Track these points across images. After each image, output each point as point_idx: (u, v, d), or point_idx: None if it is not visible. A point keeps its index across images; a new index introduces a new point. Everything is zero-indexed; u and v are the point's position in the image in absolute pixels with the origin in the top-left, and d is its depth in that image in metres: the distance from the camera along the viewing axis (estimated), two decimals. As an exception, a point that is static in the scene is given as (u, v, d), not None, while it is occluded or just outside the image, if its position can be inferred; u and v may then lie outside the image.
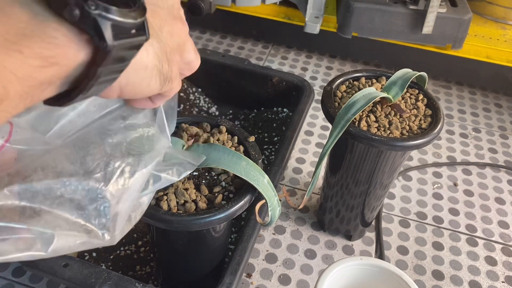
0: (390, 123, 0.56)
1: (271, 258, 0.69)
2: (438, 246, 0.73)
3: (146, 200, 0.37)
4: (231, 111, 0.92)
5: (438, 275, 0.69)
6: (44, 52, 0.21)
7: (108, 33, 0.22)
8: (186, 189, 0.44)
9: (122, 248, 0.66)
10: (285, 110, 0.89)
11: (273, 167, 0.65)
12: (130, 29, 0.23)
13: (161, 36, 0.28)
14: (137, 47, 0.25)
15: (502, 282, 0.69)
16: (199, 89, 0.92)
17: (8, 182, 0.27)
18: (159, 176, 0.36)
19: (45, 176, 0.28)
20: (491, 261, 0.71)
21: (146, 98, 0.32)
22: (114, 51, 0.22)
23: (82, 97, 0.24)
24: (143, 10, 0.24)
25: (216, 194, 0.45)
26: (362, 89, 0.58)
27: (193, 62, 0.32)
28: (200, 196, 0.44)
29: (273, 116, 0.89)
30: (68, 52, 0.22)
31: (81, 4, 0.21)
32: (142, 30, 0.24)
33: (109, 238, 0.31)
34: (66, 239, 0.28)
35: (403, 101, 0.60)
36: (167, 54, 0.28)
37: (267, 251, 0.70)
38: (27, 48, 0.20)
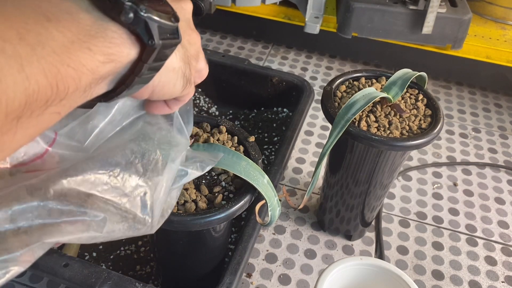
0: (390, 123, 0.56)
1: (271, 258, 0.69)
2: (438, 246, 0.73)
3: (174, 195, 0.39)
4: (231, 111, 0.92)
5: (438, 275, 0.69)
6: (107, 50, 0.25)
7: (155, 33, 0.26)
8: (186, 189, 0.44)
9: (122, 248, 0.66)
10: (285, 110, 0.89)
11: (273, 167, 0.65)
12: (168, 32, 0.27)
13: (184, 43, 0.32)
14: (173, 48, 0.28)
15: (502, 282, 0.69)
16: (199, 89, 0.92)
17: (64, 172, 0.30)
18: (186, 170, 0.39)
19: (94, 166, 0.31)
20: (491, 261, 0.71)
21: (163, 103, 0.36)
22: (158, 49, 0.26)
23: (127, 92, 0.28)
24: (177, 17, 0.28)
25: (216, 194, 0.45)
26: (362, 89, 0.58)
27: (203, 70, 0.36)
28: (200, 196, 0.44)
29: (273, 116, 0.89)
30: (123, 50, 0.26)
31: (134, 8, 0.25)
32: (176, 33, 0.28)
33: (150, 223, 0.34)
34: (116, 223, 0.31)
35: (403, 101, 0.60)
36: (189, 59, 0.32)
37: (267, 251, 0.70)
38: (94, 46, 0.24)
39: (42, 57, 0.21)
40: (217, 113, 0.92)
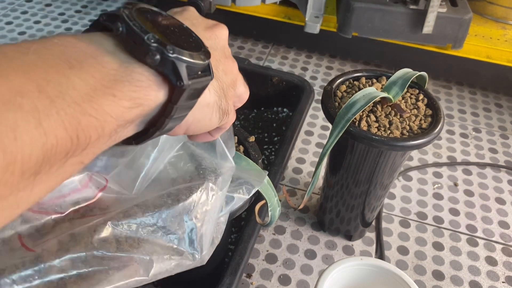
0: (390, 123, 0.56)
1: (271, 258, 0.69)
2: (438, 246, 0.73)
3: (223, 220, 0.40)
4: (231, 111, 0.92)
5: (438, 275, 0.68)
6: (132, 95, 0.24)
7: (184, 74, 0.25)
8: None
9: (122, 248, 0.66)
10: (285, 110, 0.89)
11: (273, 167, 0.65)
12: (199, 70, 0.26)
13: (218, 75, 0.31)
14: (204, 86, 0.27)
15: (503, 282, 0.69)
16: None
17: (111, 217, 0.31)
18: (232, 196, 0.40)
19: (139, 210, 0.32)
20: (491, 261, 0.71)
21: (206, 132, 0.35)
22: (188, 89, 0.25)
23: (158, 133, 0.27)
24: (208, 53, 0.27)
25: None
26: (362, 89, 0.58)
27: (243, 94, 0.35)
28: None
29: (273, 116, 0.89)
30: (151, 93, 0.25)
31: (161, 50, 0.24)
32: (208, 71, 0.27)
33: (199, 258, 0.34)
34: (163, 263, 0.32)
35: (403, 101, 0.59)
36: (224, 90, 0.31)
37: (267, 251, 0.69)
38: (119, 91, 0.23)
39: (61, 109, 0.21)
40: (217, 113, 0.91)
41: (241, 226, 0.68)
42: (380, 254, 0.70)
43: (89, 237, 0.29)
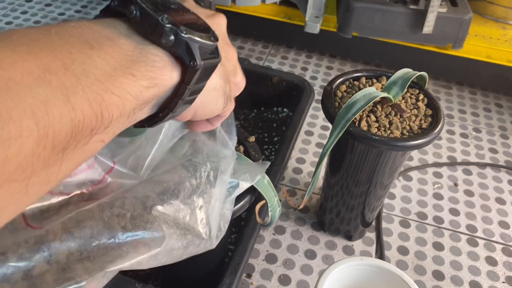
0: (390, 123, 0.56)
1: (271, 258, 0.69)
2: (438, 246, 0.73)
3: (229, 208, 0.40)
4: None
5: (438, 276, 0.68)
6: (149, 74, 0.24)
7: (197, 54, 0.26)
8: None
9: (121, 248, 0.66)
10: (285, 110, 0.89)
11: (273, 167, 0.65)
12: (209, 51, 0.27)
13: (222, 61, 0.31)
14: (214, 68, 0.28)
15: (503, 282, 0.69)
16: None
17: (116, 196, 0.31)
18: (237, 182, 0.40)
19: (148, 186, 0.32)
20: (491, 261, 0.71)
21: (205, 121, 0.36)
22: (200, 69, 0.26)
23: (171, 116, 0.28)
24: (215, 36, 0.28)
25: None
26: (363, 89, 0.58)
27: (241, 83, 0.36)
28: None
29: (273, 116, 0.88)
30: (166, 73, 0.25)
31: (175, 30, 0.25)
32: (216, 52, 0.28)
33: (208, 238, 0.34)
34: (174, 240, 0.32)
35: (403, 101, 0.59)
36: (228, 75, 0.32)
37: (267, 251, 0.69)
38: (137, 71, 0.24)
39: (86, 86, 0.21)
40: (217, 113, 0.91)
41: (241, 226, 0.68)
42: (380, 254, 0.70)
43: (96, 216, 0.28)
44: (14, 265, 0.25)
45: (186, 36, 0.25)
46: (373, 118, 0.56)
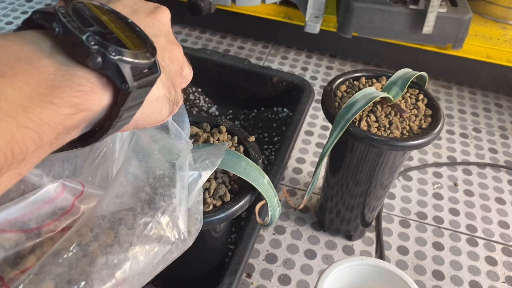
0: (390, 123, 0.56)
1: (271, 258, 0.69)
2: (438, 246, 0.73)
3: (196, 200, 0.39)
4: (231, 111, 0.92)
5: (438, 275, 0.68)
6: (74, 100, 0.22)
7: (128, 75, 0.23)
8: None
9: (122, 248, 0.66)
10: (285, 110, 0.89)
11: (273, 167, 0.65)
12: (144, 68, 0.25)
13: (165, 65, 0.29)
14: (152, 84, 0.26)
15: (503, 282, 0.69)
16: (199, 89, 0.92)
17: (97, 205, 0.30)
18: (198, 172, 0.39)
19: (105, 207, 0.31)
20: (491, 261, 0.71)
21: None
22: (134, 91, 0.24)
23: (105, 136, 0.25)
24: (154, 49, 0.26)
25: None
26: (362, 89, 0.58)
27: (188, 75, 0.34)
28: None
29: (273, 116, 0.89)
30: (94, 97, 0.23)
31: (102, 52, 0.22)
32: (154, 67, 0.26)
33: (180, 239, 0.34)
34: (143, 256, 0.31)
35: (403, 101, 0.59)
36: (172, 80, 0.30)
37: (267, 251, 0.69)
38: (58, 98, 0.21)
39: None
40: (217, 113, 0.91)
41: (241, 226, 0.68)
42: (380, 254, 0.70)
43: (67, 251, 0.27)
44: None
45: (115, 58, 0.23)
46: (373, 118, 0.56)
